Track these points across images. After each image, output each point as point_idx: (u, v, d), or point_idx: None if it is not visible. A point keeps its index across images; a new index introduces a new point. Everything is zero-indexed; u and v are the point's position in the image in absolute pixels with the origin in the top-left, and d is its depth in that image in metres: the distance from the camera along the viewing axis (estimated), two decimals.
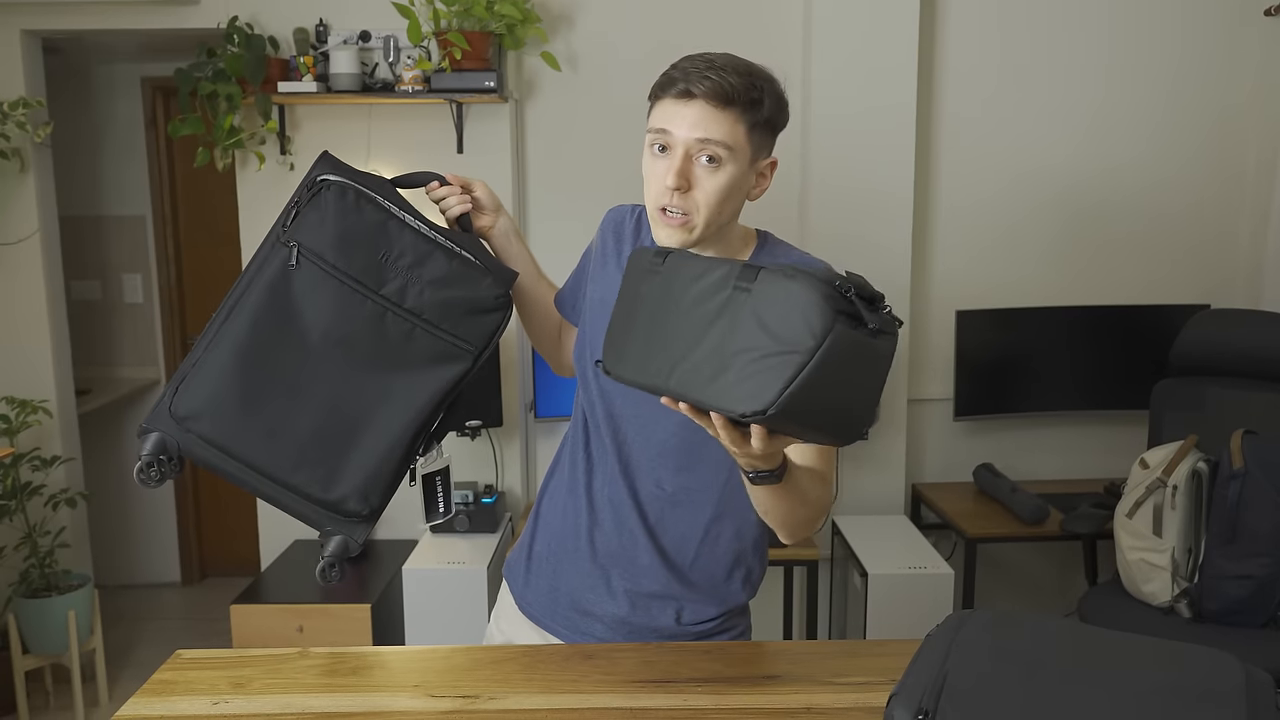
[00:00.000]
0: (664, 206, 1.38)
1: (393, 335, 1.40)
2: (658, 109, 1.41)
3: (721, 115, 1.34)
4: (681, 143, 1.36)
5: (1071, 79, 3.41)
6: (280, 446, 1.37)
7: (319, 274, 1.41)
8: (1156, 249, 3.49)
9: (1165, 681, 0.97)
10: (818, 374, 0.99)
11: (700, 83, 1.33)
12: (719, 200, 1.38)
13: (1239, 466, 2.49)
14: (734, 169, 1.37)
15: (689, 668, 1.41)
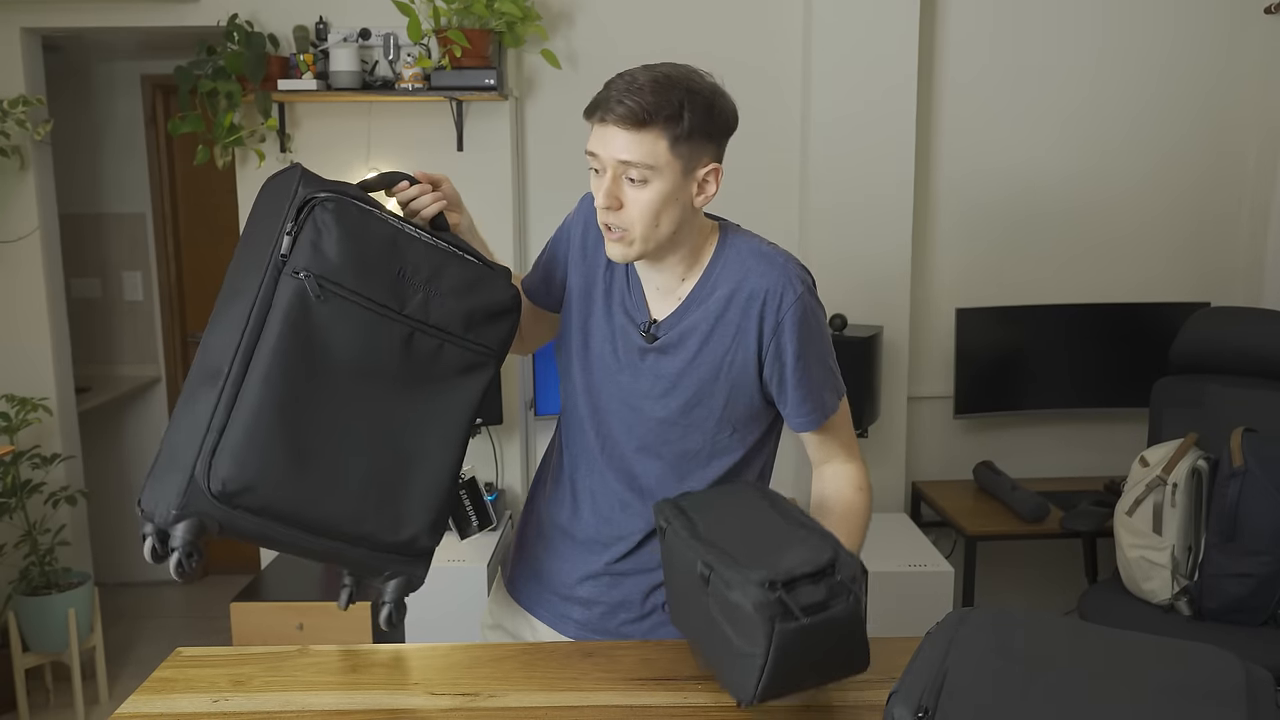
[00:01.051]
0: (604, 223, 1.43)
1: (422, 354, 1.34)
2: (591, 131, 1.44)
3: (638, 136, 1.36)
4: (609, 164, 1.40)
5: (1071, 78, 3.40)
6: (341, 500, 1.29)
7: (342, 303, 1.28)
8: (1156, 247, 3.49)
9: (1165, 680, 0.97)
10: (780, 666, 1.12)
11: (615, 107, 1.36)
12: (650, 216, 1.39)
13: (1239, 464, 2.49)
14: (661, 184, 1.38)
15: (689, 665, 1.41)
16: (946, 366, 3.42)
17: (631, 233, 1.41)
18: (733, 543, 1.22)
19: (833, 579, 1.13)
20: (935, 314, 3.48)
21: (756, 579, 1.12)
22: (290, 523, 1.26)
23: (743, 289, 1.47)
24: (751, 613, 1.11)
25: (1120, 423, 3.46)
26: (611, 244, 1.44)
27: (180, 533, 1.19)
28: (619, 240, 1.42)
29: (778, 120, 3.39)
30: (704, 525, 1.29)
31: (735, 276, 1.47)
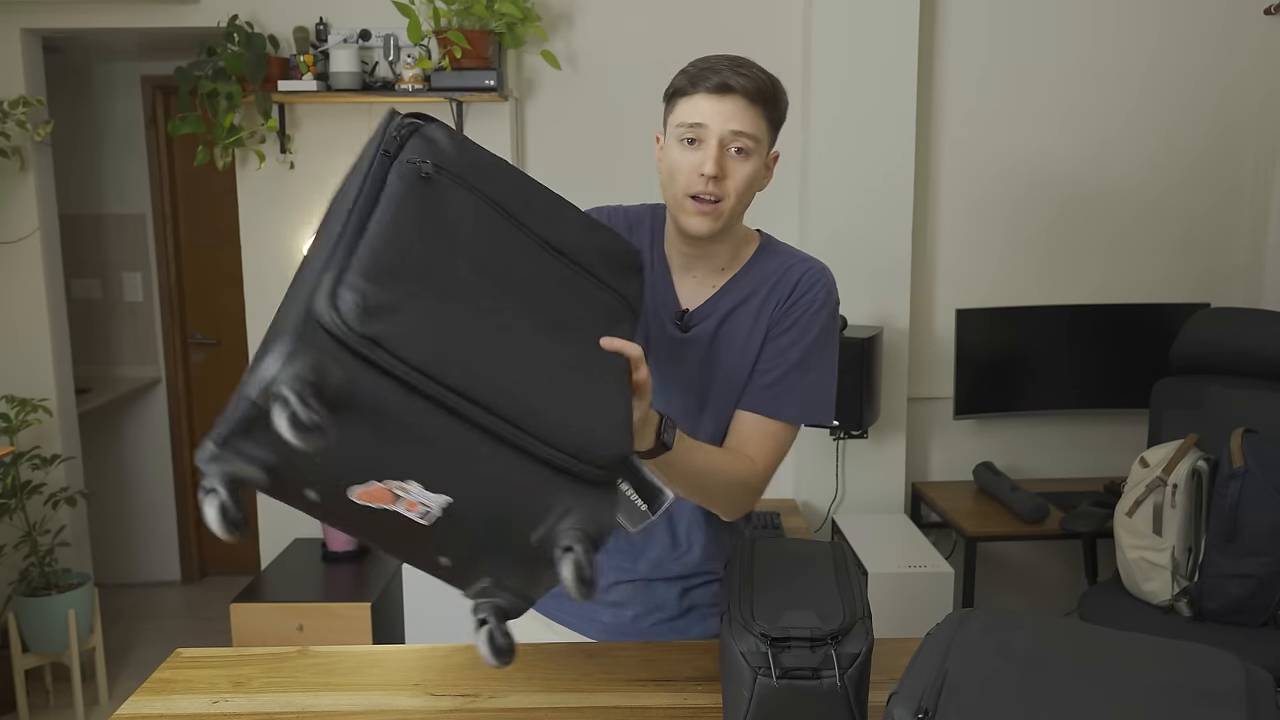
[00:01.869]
0: (696, 194, 1.42)
1: (556, 281, 1.12)
2: (686, 104, 1.43)
3: (752, 110, 1.41)
4: (716, 134, 1.40)
5: (1071, 78, 3.40)
6: (511, 369, 0.96)
7: (467, 195, 1.04)
8: (1156, 248, 3.49)
9: (1165, 680, 0.97)
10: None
11: (736, 78, 1.39)
12: (745, 189, 1.45)
13: (1239, 465, 2.49)
14: (757, 161, 1.44)
15: (689, 666, 1.41)
16: (946, 367, 3.42)
17: (724, 204, 1.43)
18: (765, 590, 1.22)
19: (835, 649, 1.12)
20: (935, 314, 3.48)
21: (755, 629, 1.14)
22: (448, 384, 0.87)
23: (778, 278, 1.51)
24: (740, 658, 1.13)
25: (1120, 423, 3.46)
26: (701, 216, 1.43)
27: (293, 373, 0.80)
28: (712, 211, 1.43)
29: None
30: (759, 568, 1.29)
31: (774, 271, 1.52)
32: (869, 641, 1.14)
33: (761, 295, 1.51)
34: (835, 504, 3.40)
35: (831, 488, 3.40)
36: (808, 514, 3.37)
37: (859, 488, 3.40)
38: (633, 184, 3.39)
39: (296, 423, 0.79)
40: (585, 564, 0.90)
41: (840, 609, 1.17)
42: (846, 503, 3.40)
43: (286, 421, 0.79)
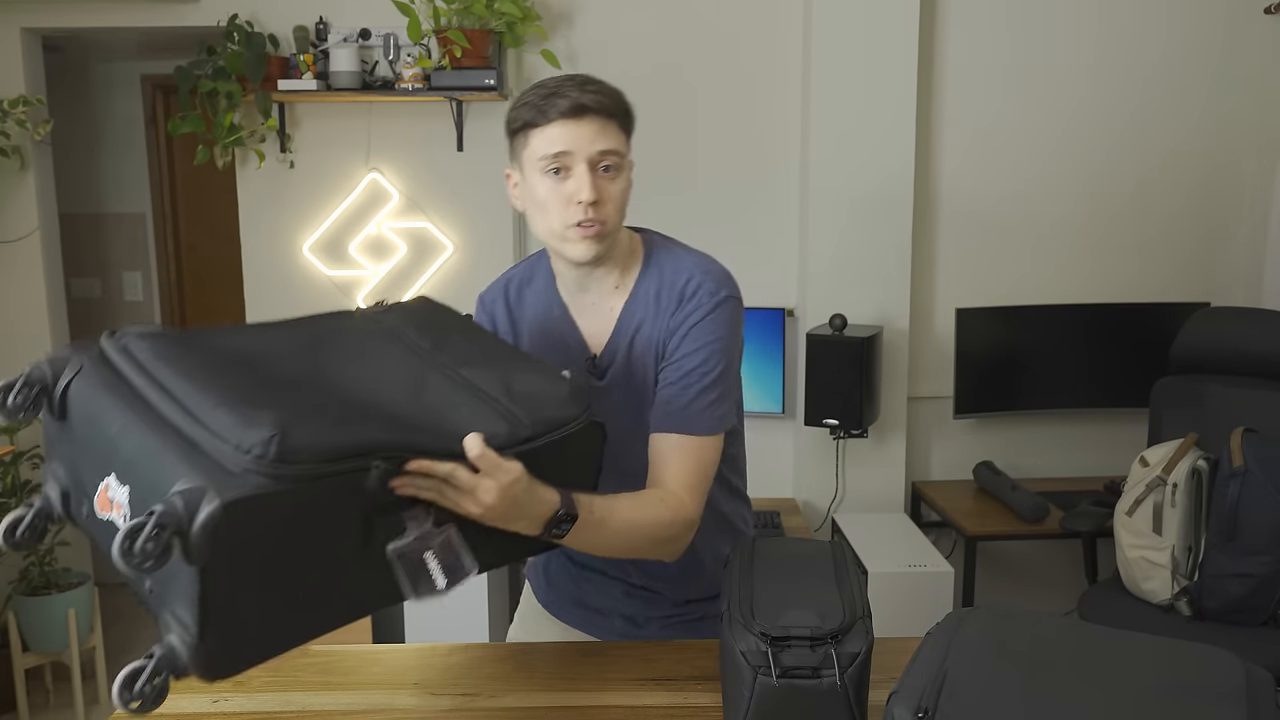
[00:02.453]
0: (579, 221, 1.39)
1: (435, 385, 1.26)
2: (541, 135, 1.38)
3: (611, 125, 1.40)
4: (583, 158, 1.38)
5: (1070, 77, 3.40)
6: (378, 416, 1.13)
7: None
8: (1156, 247, 3.49)
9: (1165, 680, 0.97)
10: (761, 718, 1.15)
11: (588, 97, 1.36)
12: (622, 205, 1.44)
13: (1239, 465, 2.49)
14: (626, 174, 1.44)
15: (689, 666, 1.41)
16: (946, 366, 3.42)
17: (607, 225, 1.41)
18: (765, 589, 1.22)
19: (835, 649, 1.12)
20: (935, 314, 3.48)
21: (755, 628, 1.14)
22: (138, 359, 1.05)
23: (661, 289, 1.47)
24: (740, 657, 1.13)
25: (1120, 423, 3.46)
26: (587, 241, 1.40)
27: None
28: (597, 235, 1.40)
29: (778, 120, 3.39)
30: (759, 567, 1.29)
31: (658, 286, 1.47)
32: (869, 641, 1.14)
33: (653, 313, 1.46)
34: (835, 503, 3.39)
35: (831, 487, 3.40)
36: (808, 513, 3.37)
37: (859, 487, 3.40)
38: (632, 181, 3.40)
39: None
40: (147, 534, 0.88)
41: (840, 608, 1.17)
42: (846, 502, 3.40)
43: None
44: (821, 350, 3.10)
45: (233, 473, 0.93)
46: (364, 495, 1.02)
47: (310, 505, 0.98)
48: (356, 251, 3.38)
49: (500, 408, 1.18)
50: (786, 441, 3.50)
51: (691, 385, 1.41)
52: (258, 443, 0.94)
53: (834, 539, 3.24)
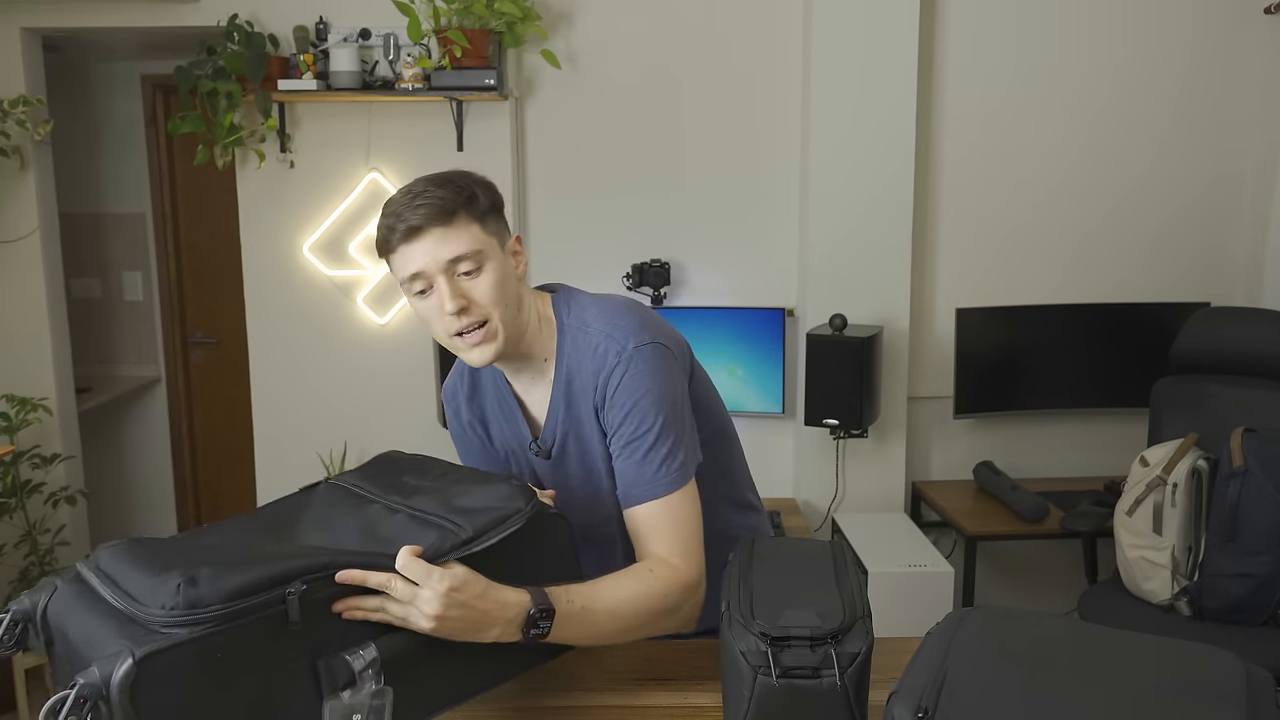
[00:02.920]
0: (458, 331, 1.38)
1: (374, 516, 1.29)
2: (395, 260, 1.37)
3: (453, 229, 1.35)
4: (437, 271, 1.35)
5: (1070, 77, 3.40)
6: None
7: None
8: (1157, 247, 3.49)
9: (1165, 680, 0.97)
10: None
11: (415, 215, 1.33)
12: (498, 297, 1.38)
13: (1239, 465, 2.48)
14: (494, 265, 1.38)
15: (689, 666, 1.41)
16: (946, 366, 3.42)
17: (491, 323, 1.37)
18: (764, 589, 1.22)
19: (835, 649, 1.12)
20: (935, 314, 3.48)
21: (755, 628, 1.14)
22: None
23: (578, 371, 1.44)
24: (740, 657, 1.13)
25: (1120, 422, 3.46)
26: (473, 349, 1.39)
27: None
28: (483, 339, 1.38)
29: (778, 120, 3.39)
30: (758, 567, 1.29)
31: (577, 359, 1.45)
32: (869, 641, 1.14)
33: (580, 386, 1.45)
34: (835, 503, 3.39)
35: (831, 487, 3.40)
36: (808, 513, 3.37)
37: (859, 487, 3.40)
38: (632, 182, 3.40)
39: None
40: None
41: (840, 608, 1.17)
42: (846, 502, 3.40)
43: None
44: (821, 350, 3.10)
45: (153, 632, 0.95)
46: (298, 636, 1.02)
47: (239, 649, 0.98)
48: (356, 251, 3.38)
49: (435, 522, 1.18)
50: (786, 441, 3.50)
51: (637, 451, 1.39)
52: (168, 596, 0.96)
53: (833, 539, 3.24)
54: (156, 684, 0.93)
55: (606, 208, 3.40)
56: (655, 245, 3.38)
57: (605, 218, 3.40)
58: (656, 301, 3.35)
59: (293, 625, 1.01)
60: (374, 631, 1.08)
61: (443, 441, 3.40)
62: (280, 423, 3.42)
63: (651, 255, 3.37)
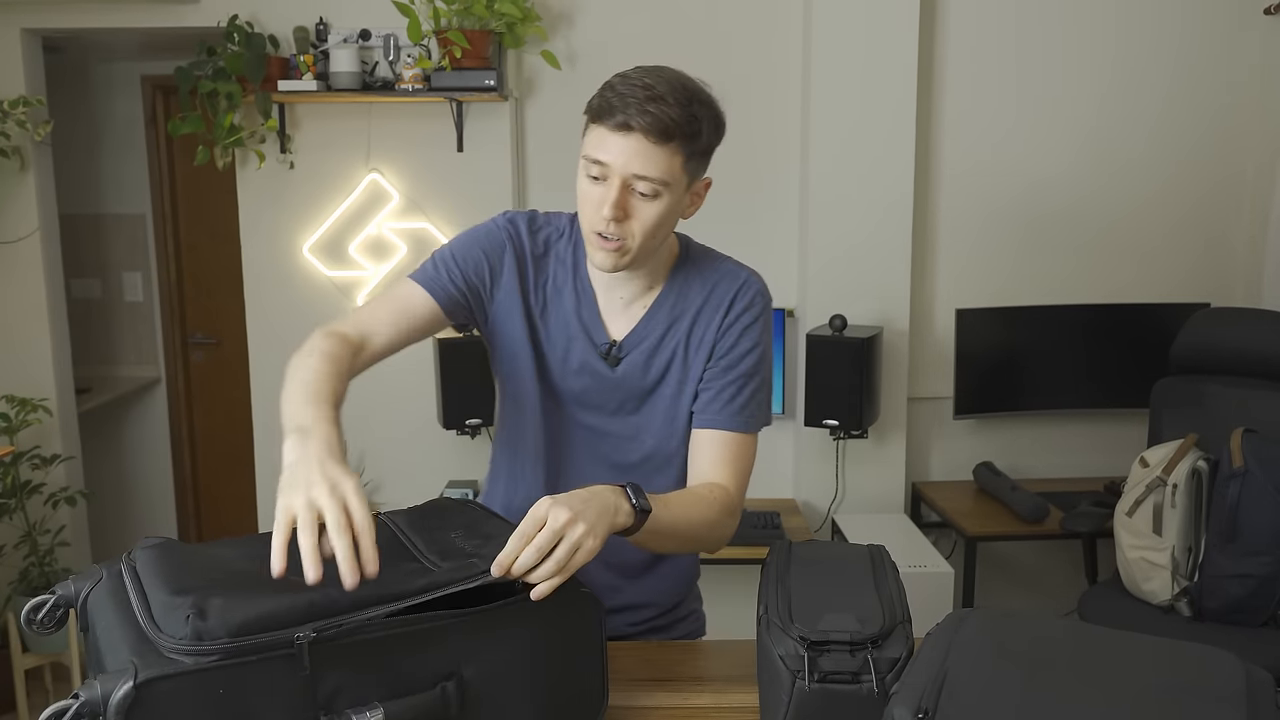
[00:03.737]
0: (600, 232, 1.36)
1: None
2: (593, 134, 1.36)
3: (660, 150, 1.31)
4: (618, 175, 1.33)
5: (1071, 78, 3.40)
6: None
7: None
8: (1157, 248, 3.49)
9: (1165, 681, 0.97)
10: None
11: (640, 116, 1.29)
12: (654, 229, 1.37)
13: (1239, 465, 2.49)
14: (670, 199, 1.36)
15: (689, 665, 1.41)
16: (946, 367, 3.42)
17: (629, 242, 1.36)
18: (802, 592, 1.21)
19: (874, 654, 1.11)
20: (935, 314, 3.48)
21: (794, 632, 1.12)
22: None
23: (706, 297, 1.47)
24: (778, 661, 1.12)
25: (1120, 423, 3.46)
26: (605, 252, 1.37)
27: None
28: (616, 250, 1.36)
29: (778, 120, 3.39)
30: (795, 570, 1.27)
31: (701, 286, 1.48)
32: (909, 646, 1.12)
33: (690, 316, 1.46)
34: (835, 504, 3.39)
35: (831, 487, 3.40)
36: (807, 514, 3.37)
37: (859, 487, 3.40)
38: None
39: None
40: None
41: (880, 613, 1.15)
42: (846, 502, 3.40)
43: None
44: (821, 350, 3.10)
45: (161, 655, 0.94)
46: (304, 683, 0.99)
47: (241, 687, 0.96)
48: (356, 252, 3.38)
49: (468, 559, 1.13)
50: (787, 442, 3.50)
51: (745, 385, 1.45)
52: (177, 625, 0.95)
53: (833, 538, 3.24)
54: (154, 709, 0.92)
55: None
56: None
57: None
58: None
59: (300, 672, 0.98)
60: (384, 693, 1.04)
61: (443, 440, 3.41)
62: (280, 423, 3.41)
63: None
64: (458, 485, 3.31)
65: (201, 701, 0.94)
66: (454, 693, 1.07)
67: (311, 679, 0.99)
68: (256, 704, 0.97)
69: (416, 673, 1.06)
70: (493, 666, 1.10)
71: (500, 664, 1.10)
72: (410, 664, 1.05)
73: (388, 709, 1.03)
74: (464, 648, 1.08)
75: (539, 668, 1.14)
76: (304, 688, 0.99)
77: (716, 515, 1.39)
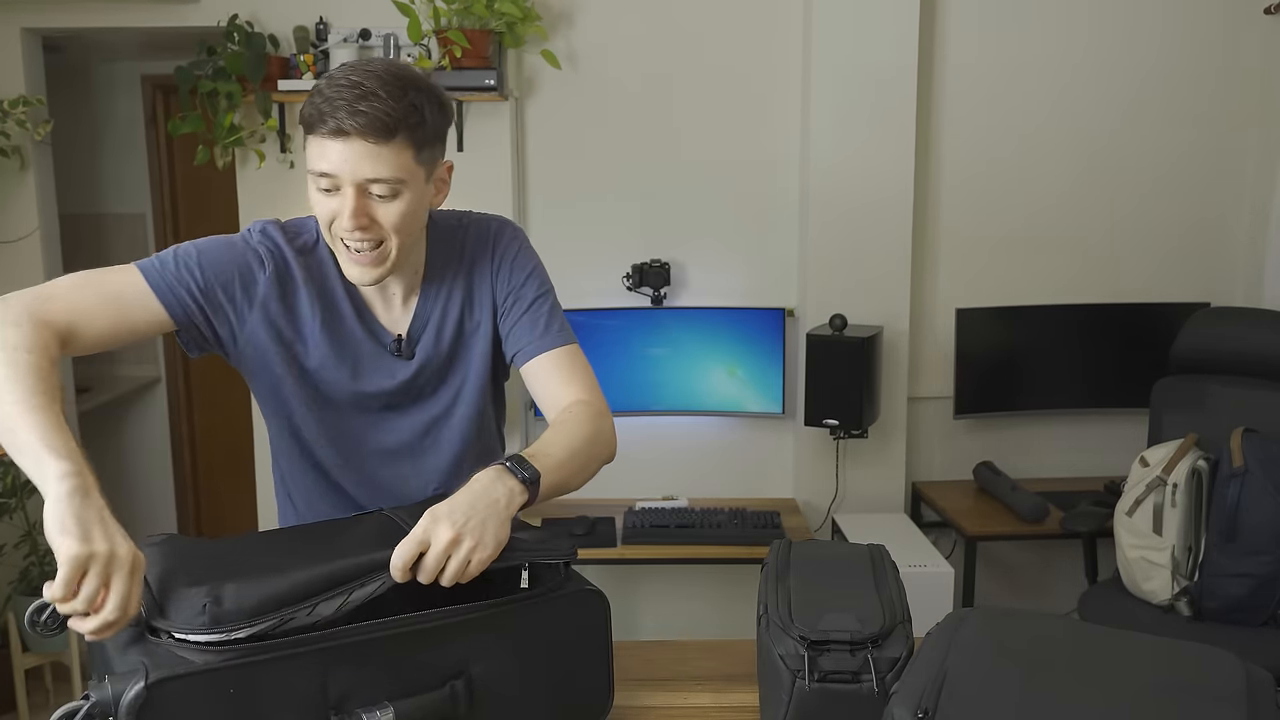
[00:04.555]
0: (348, 244, 1.30)
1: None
2: (313, 145, 1.26)
3: (385, 149, 1.23)
4: (349, 181, 1.25)
5: (1070, 77, 3.40)
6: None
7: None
8: (1157, 247, 3.49)
9: (1165, 680, 0.97)
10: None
11: (353, 118, 1.21)
12: (404, 226, 1.30)
13: (1239, 465, 2.49)
14: (411, 194, 1.29)
15: (689, 665, 1.42)
16: (946, 367, 3.42)
17: (387, 245, 1.30)
18: (802, 592, 1.21)
19: (874, 654, 1.11)
20: (935, 314, 3.47)
21: (794, 631, 1.13)
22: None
23: (466, 255, 1.46)
24: (778, 661, 1.12)
25: (1120, 423, 3.46)
26: (361, 267, 1.30)
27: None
28: (370, 262, 1.30)
29: (778, 118, 3.39)
30: (795, 570, 1.28)
31: (456, 250, 1.46)
32: (909, 645, 1.13)
33: (462, 279, 1.46)
34: (835, 504, 3.39)
35: (831, 487, 3.40)
36: (807, 513, 3.37)
37: (859, 487, 3.40)
38: (633, 182, 3.40)
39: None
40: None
41: (880, 612, 1.15)
42: (846, 502, 3.40)
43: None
44: (821, 350, 3.10)
45: (174, 656, 0.94)
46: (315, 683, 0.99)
47: (252, 685, 0.96)
48: None
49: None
50: (786, 442, 3.50)
51: (539, 309, 1.45)
52: (194, 614, 0.96)
53: (833, 538, 3.24)
54: (165, 709, 0.92)
55: (607, 208, 3.40)
56: (655, 245, 3.38)
57: (605, 218, 3.40)
58: (656, 302, 3.34)
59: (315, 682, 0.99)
60: (394, 692, 1.04)
61: None
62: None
63: (651, 255, 3.37)
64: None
65: (213, 701, 0.94)
66: (463, 691, 1.07)
67: (322, 679, 0.99)
68: (268, 704, 0.97)
69: (426, 672, 1.06)
70: (501, 665, 1.10)
71: (508, 662, 1.11)
72: (419, 663, 1.06)
73: (398, 708, 1.03)
74: (472, 646, 1.09)
75: (546, 666, 1.14)
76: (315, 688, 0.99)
77: (593, 427, 1.36)
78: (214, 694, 0.95)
